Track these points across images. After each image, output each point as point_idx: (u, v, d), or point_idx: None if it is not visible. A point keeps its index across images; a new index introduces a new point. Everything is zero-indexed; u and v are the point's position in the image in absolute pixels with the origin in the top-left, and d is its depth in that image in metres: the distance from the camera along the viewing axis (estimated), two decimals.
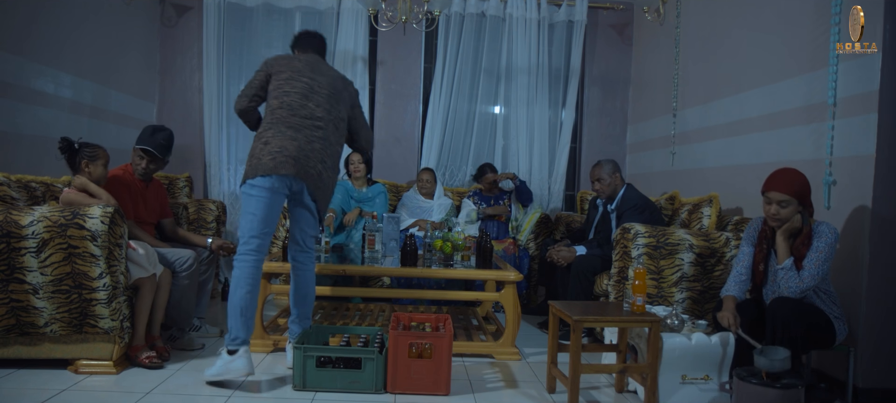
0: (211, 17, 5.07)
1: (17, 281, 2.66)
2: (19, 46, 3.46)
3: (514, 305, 3.27)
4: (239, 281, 2.71)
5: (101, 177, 3.03)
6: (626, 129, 5.56)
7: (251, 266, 2.73)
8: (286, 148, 2.74)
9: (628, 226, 3.25)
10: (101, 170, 3.03)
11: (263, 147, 2.75)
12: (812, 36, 3.10)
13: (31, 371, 2.75)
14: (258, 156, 2.74)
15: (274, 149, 2.73)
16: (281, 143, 2.74)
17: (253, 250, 2.73)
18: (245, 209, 2.76)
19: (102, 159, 3.04)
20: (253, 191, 2.73)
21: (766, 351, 2.29)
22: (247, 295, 2.71)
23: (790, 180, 2.58)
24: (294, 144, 2.75)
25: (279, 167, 2.71)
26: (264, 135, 2.79)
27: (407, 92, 5.41)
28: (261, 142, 2.78)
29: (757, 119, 3.54)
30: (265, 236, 2.76)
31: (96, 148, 3.04)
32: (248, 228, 2.74)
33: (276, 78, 2.88)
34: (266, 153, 2.73)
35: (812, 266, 2.50)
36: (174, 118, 5.15)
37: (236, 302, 2.70)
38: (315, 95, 2.87)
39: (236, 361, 2.65)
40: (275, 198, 2.75)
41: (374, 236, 3.47)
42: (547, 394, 2.77)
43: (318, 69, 2.94)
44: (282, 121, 2.79)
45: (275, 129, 2.78)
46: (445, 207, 4.82)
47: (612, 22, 5.51)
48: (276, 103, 2.84)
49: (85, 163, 2.99)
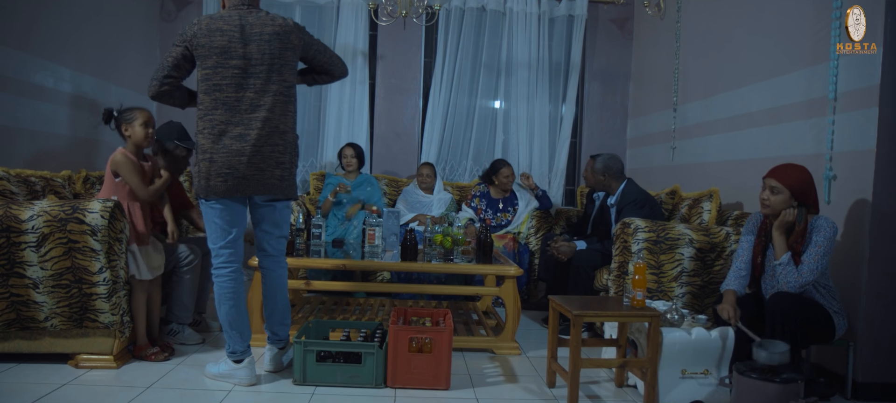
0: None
1: (18, 275, 2.66)
2: (20, 41, 3.45)
3: (514, 300, 3.27)
4: (221, 298, 2.61)
5: (141, 138, 2.93)
6: (626, 124, 5.55)
7: (227, 279, 2.61)
8: (235, 167, 2.49)
9: (628, 221, 3.25)
10: (140, 129, 2.93)
11: (209, 165, 2.50)
12: (813, 30, 3.10)
13: (32, 366, 2.76)
14: (206, 176, 2.50)
15: (222, 168, 2.49)
16: (227, 160, 2.48)
17: (223, 262, 2.61)
18: (207, 219, 2.59)
19: (140, 119, 2.93)
20: (210, 206, 2.56)
21: (765, 344, 2.29)
22: (233, 310, 2.62)
23: (789, 172, 2.59)
24: (242, 160, 2.49)
25: (231, 190, 2.52)
26: (205, 145, 2.51)
27: (407, 86, 5.40)
28: (205, 157, 2.50)
29: (757, 114, 3.54)
30: (235, 242, 2.62)
31: (133, 110, 2.96)
32: (216, 239, 2.59)
33: (202, 64, 2.50)
34: (213, 173, 2.49)
35: (811, 260, 2.50)
36: (173, 113, 5.13)
37: (223, 318, 2.63)
38: (252, 77, 2.51)
39: (241, 371, 2.65)
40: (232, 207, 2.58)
41: (375, 231, 3.47)
42: (547, 388, 2.78)
43: (249, 35, 2.50)
44: (220, 128, 2.49)
45: (218, 142, 2.49)
46: (445, 202, 4.82)
47: (612, 16, 5.49)
48: (208, 100, 2.50)
49: (124, 127, 2.94)
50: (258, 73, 2.52)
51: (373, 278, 4.35)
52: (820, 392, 2.68)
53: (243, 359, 2.65)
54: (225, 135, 2.50)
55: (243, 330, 2.66)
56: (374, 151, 5.37)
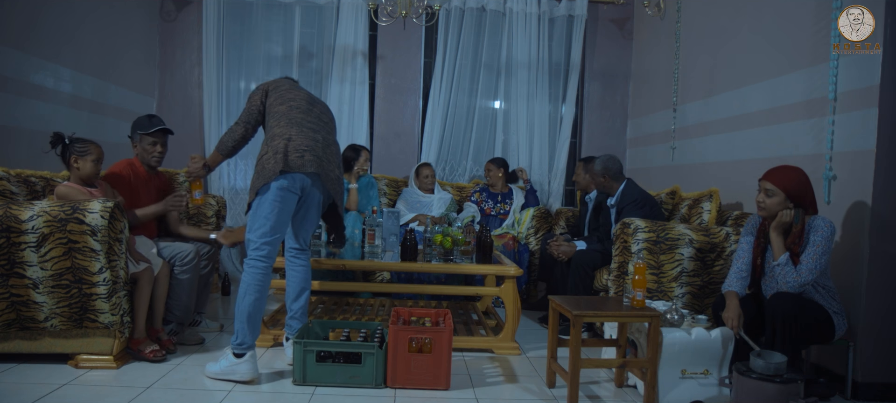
0: (211, 12, 5.07)
1: (18, 275, 2.66)
2: (20, 41, 3.45)
3: (514, 300, 3.27)
4: (249, 288, 2.67)
5: (90, 174, 2.95)
6: (626, 124, 5.55)
7: (261, 272, 2.68)
8: (311, 147, 2.72)
9: (628, 221, 3.25)
10: (91, 166, 2.94)
11: (286, 143, 2.68)
12: (813, 30, 3.10)
13: (32, 366, 2.75)
14: (283, 151, 2.65)
15: (299, 145, 2.69)
16: (304, 141, 2.71)
17: (264, 256, 2.68)
18: (259, 212, 2.66)
19: (93, 155, 2.95)
20: (270, 194, 2.65)
21: (763, 355, 2.30)
22: (255, 302, 2.67)
23: (784, 174, 2.59)
24: (318, 143, 2.76)
25: (307, 164, 2.69)
26: (283, 132, 2.71)
27: (407, 86, 5.40)
28: (281, 139, 2.69)
29: (757, 114, 3.54)
30: (276, 241, 2.70)
31: (88, 143, 2.96)
32: (261, 232, 2.66)
33: (275, 92, 2.86)
34: (291, 148, 2.67)
35: (809, 260, 2.50)
36: (174, 113, 5.14)
37: (244, 309, 2.66)
38: (316, 105, 2.91)
39: (242, 365, 2.66)
40: (290, 201, 2.70)
41: (374, 231, 3.47)
42: (547, 389, 2.78)
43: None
44: (297, 121, 2.75)
45: (295, 128, 2.73)
46: (445, 202, 4.82)
47: (612, 16, 5.49)
48: (284, 108, 2.79)
49: (74, 158, 2.93)
50: (319, 105, 2.95)
51: (373, 278, 4.35)
52: (820, 392, 2.68)
53: (246, 354, 2.67)
54: (302, 126, 2.79)
55: (257, 325, 2.70)
56: (373, 151, 5.37)
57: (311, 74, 5.28)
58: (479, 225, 3.87)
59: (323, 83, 5.25)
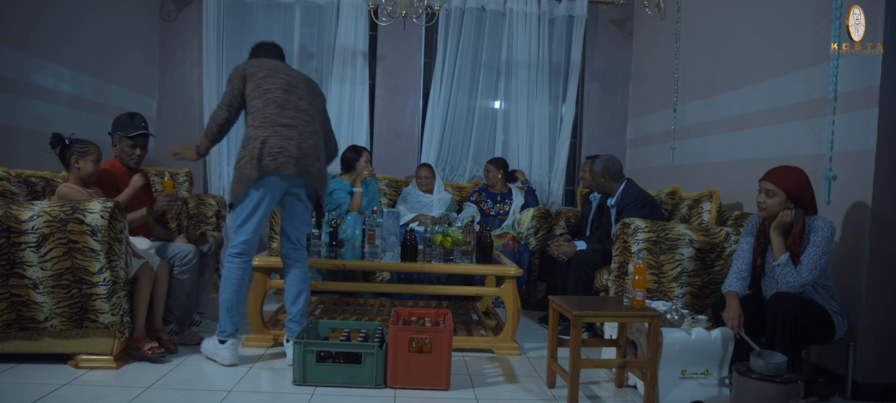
0: (211, 12, 5.07)
1: (18, 275, 2.66)
2: (20, 41, 3.45)
3: (514, 300, 3.27)
4: (226, 282, 2.86)
5: (90, 174, 2.99)
6: (626, 124, 5.55)
7: (238, 268, 2.85)
8: (285, 148, 2.74)
9: (628, 221, 3.25)
10: (92, 166, 2.98)
11: (260, 146, 2.72)
12: (813, 30, 3.10)
13: (32, 366, 2.75)
14: (257, 157, 2.71)
15: (273, 148, 2.73)
16: (279, 143, 2.74)
17: (241, 253, 2.84)
18: (238, 214, 2.81)
19: (93, 155, 2.98)
20: (248, 199, 2.78)
21: (763, 355, 2.30)
22: (233, 295, 2.86)
23: (784, 175, 2.59)
24: (292, 143, 2.76)
25: (281, 167, 2.73)
26: (258, 134, 2.75)
27: (407, 86, 5.40)
28: (256, 142, 2.73)
29: (757, 114, 3.54)
30: (253, 239, 2.85)
31: (87, 144, 2.98)
32: (239, 230, 2.82)
33: (252, 78, 2.85)
34: (265, 153, 2.71)
35: (809, 260, 2.50)
36: (174, 113, 5.15)
37: (223, 300, 2.88)
38: (296, 89, 2.88)
39: (223, 351, 2.88)
40: (270, 201, 2.81)
41: (374, 231, 3.47)
42: (547, 389, 2.78)
43: (288, 68, 2.96)
44: (272, 120, 2.77)
45: (269, 129, 2.75)
46: (445, 202, 4.82)
47: (612, 16, 5.49)
48: (259, 102, 2.80)
49: (75, 158, 2.95)
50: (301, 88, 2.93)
51: (373, 278, 4.35)
52: (820, 392, 2.68)
53: (228, 341, 2.88)
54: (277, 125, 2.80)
55: (236, 316, 2.90)
56: (373, 152, 5.37)
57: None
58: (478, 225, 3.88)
59: (323, 83, 5.24)
